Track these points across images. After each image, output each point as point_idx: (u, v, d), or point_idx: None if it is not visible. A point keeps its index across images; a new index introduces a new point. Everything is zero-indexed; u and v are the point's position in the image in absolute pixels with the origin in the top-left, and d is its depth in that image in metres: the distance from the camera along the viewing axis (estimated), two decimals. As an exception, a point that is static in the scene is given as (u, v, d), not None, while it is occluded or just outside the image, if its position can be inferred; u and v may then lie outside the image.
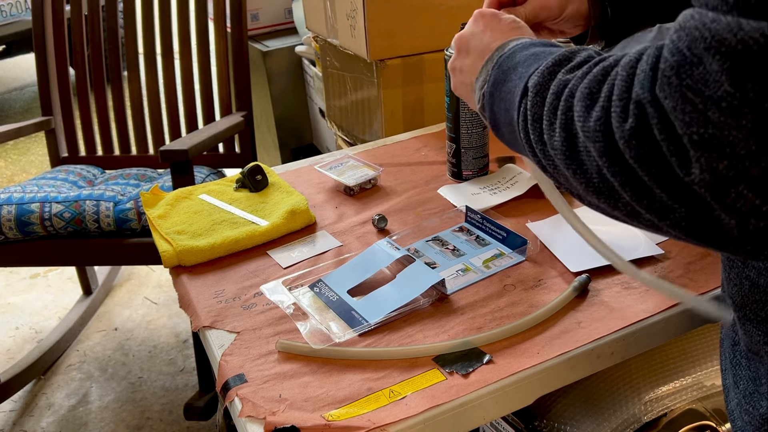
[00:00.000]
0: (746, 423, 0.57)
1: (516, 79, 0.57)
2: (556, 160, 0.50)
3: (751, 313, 0.54)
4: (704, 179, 0.38)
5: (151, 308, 2.19)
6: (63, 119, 1.90)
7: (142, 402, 1.80)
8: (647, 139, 0.41)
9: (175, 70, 1.86)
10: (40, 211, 1.52)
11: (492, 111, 0.61)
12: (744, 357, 0.58)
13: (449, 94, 1.06)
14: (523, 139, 0.55)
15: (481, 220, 0.95)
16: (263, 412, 0.66)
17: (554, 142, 0.50)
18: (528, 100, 0.53)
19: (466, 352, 0.72)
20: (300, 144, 2.34)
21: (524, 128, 0.54)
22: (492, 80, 0.61)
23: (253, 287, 0.88)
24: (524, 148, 0.56)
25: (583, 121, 0.46)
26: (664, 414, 0.84)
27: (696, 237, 0.43)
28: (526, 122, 0.54)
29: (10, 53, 4.26)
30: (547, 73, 0.52)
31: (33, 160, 3.50)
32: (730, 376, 0.61)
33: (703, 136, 0.37)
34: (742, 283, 0.54)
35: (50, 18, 1.86)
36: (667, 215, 0.43)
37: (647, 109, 0.40)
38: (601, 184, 0.46)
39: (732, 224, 0.40)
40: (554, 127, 0.49)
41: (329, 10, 1.47)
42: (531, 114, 0.53)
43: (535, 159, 0.55)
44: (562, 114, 0.49)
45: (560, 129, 0.49)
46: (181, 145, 1.44)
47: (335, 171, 1.14)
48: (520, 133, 0.55)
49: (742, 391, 0.57)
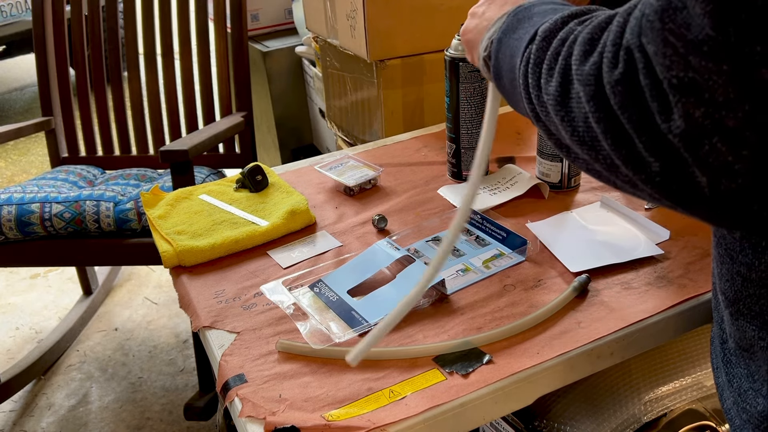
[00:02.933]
0: (744, 421, 0.56)
1: (528, 27, 0.58)
2: (548, 105, 0.51)
3: (744, 308, 0.54)
4: (680, 127, 0.39)
5: (151, 308, 2.19)
6: (63, 119, 1.90)
7: (142, 402, 1.80)
8: (632, 85, 0.41)
9: (175, 70, 1.86)
10: (41, 211, 1.52)
11: (497, 58, 0.61)
12: (734, 354, 0.58)
13: (449, 94, 1.06)
14: (521, 85, 0.56)
15: (481, 220, 0.95)
16: (263, 412, 0.66)
17: (549, 88, 0.50)
18: (534, 45, 0.54)
19: (466, 352, 0.72)
20: (300, 144, 2.34)
21: (524, 73, 0.55)
22: (504, 27, 0.62)
23: (253, 287, 0.88)
24: (521, 95, 0.56)
25: (578, 65, 0.46)
26: (664, 414, 0.84)
27: (669, 195, 0.43)
28: (527, 66, 0.54)
29: (10, 53, 4.26)
30: (560, 21, 0.53)
31: (33, 161, 3.50)
32: (722, 374, 0.61)
33: (682, 80, 0.38)
34: (734, 279, 0.54)
35: (50, 18, 1.86)
36: (642, 169, 0.43)
37: (635, 55, 0.41)
38: (586, 133, 0.47)
39: (704, 182, 0.40)
40: (553, 72, 0.50)
41: (329, 10, 1.47)
42: (534, 58, 0.53)
43: (530, 107, 0.55)
44: (563, 59, 0.49)
45: (558, 74, 0.49)
46: (181, 146, 1.44)
47: (335, 171, 1.14)
48: (520, 78, 0.56)
49: (737, 389, 0.57)
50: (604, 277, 0.83)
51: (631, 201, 1.01)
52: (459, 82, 1.03)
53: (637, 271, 0.84)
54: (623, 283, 0.82)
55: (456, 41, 1.03)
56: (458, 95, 1.04)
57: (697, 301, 0.78)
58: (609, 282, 0.82)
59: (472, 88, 1.04)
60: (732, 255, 0.53)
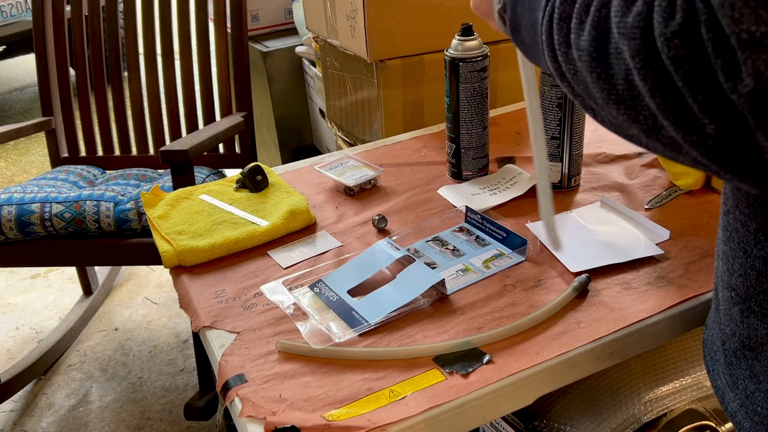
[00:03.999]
0: (756, 424, 0.55)
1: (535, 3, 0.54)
2: (579, 63, 0.47)
3: (756, 305, 0.53)
4: (748, 86, 0.35)
5: (151, 308, 2.19)
6: (63, 119, 1.90)
7: (142, 402, 1.80)
8: (692, 39, 0.37)
9: (175, 70, 1.86)
10: (41, 211, 1.53)
11: (514, 11, 0.58)
12: (734, 356, 0.57)
13: (449, 94, 1.06)
14: (545, 41, 0.52)
15: (481, 221, 0.95)
16: (263, 412, 0.66)
17: (581, 42, 0.46)
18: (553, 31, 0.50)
19: (466, 352, 0.72)
20: (300, 144, 2.34)
21: (548, 29, 0.51)
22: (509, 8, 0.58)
23: (254, 287, 0.88)
24: (543, 53, 0.53)
25: (621, 16, 0.42)
26: (664, 414, 0.84)
27: (721, 160, 0.40)
28: (551, 22, 0.50)
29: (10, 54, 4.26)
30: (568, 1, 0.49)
31: (33, 161, 3.50)
32: (723, 376, 0.60)
33: (753, 34, 0.34)
34: (748, 274, 0.53)
35: (51, 18, 1.86)
36: (694, 131, 0.40)
37: (696, 5, 0.37)
38: (626, 91, 0.43)
39: (766, 147, 0.37)
40: (584, 26, 0.46)
41: (329, 10, 1.47)
42: (559, 12, 0.49)
43: (554, 65, 0.51)
44: (595, 11, 0.45)
45: (591, 27, 0.45)
46: (181, 146, 1.44)
47: (335, 171, 1.14)
48: (543, 35, 0.52)
49: (743, 391, 0.56)
50: (604, 277, 0.83)
51: (631, 201, 1.01)
52: (459, 82, 1.03)
53: (637, 271, 0.84)
54: (623, 283, 0.82)
55: (456, 41, 1.03)
56: (458, 95, 1.04)
57: (697, 301, 0.78)
58: (609, 282, 0.82)
59: (472, 88, 1.04)
60: (746, 249, 0.52)
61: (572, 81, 0.49)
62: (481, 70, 1.03)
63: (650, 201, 1.00)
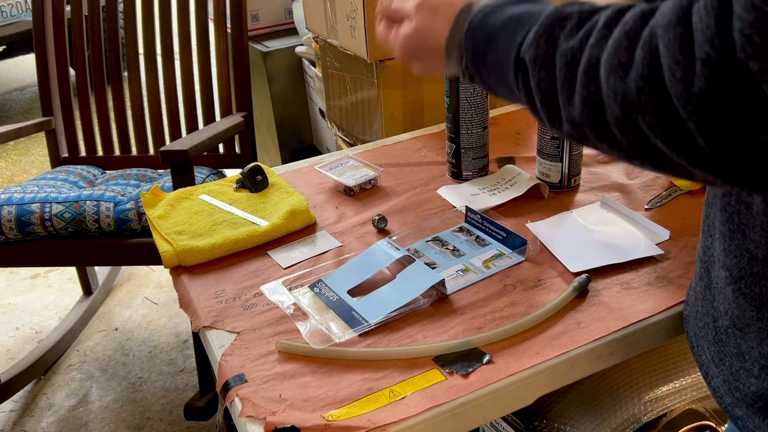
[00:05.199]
0: (737, 400, 0.56)
1: (501, 50, 0.54)
2: (584, 130, 0.48)
3: (746, 288, 0.54)
4: None
5: (151, 308, 2.19)
6: (63, 120, 1.90)
7: (142, 402, 1.80)
8: (721, 101, 0.38)
9: (175, 70, 1.86)
10: (41, 211, 1.53)
11: (484, 82, 0.59)
12: (724, 333, 0.58)
13: (449, 95, 1.06)
14: (531, 111, 0.53)
15: (481, 221, 0.95)
16: (263, 412, 0.66)
17: (576, 116, 0.47)
18: (530, 76, 0.51)
19: (466, 352, 0.72)
20: (300, 144, 2.34)
21: (531, 105, 0.52)
22: (470, 56, 0.59)
23: (254, 287, 0.88)
24: (531, 113, 0.54)
25: (623, 95, 0.43)
26: (664, 414, 0.84)
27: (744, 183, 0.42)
28: (531, 99, 0.52)
29: (10, 54, 4.26)
30: (543, 42, 0.50)
31: (33, 161, 3.50)
32: (709, 352, 0.60)
33: None
34: (742, 255, 0.54)
35: (50, 18, 1.86)
36: (722, 171, 0.41)
37: (724, 70, 0.37)
38: (645, 152, 0.44)
39: None
40: (573, 102, 0.47)
41: (329, 10, 1.47)
42: (539, 92, 0.50)
43: (553, 130, 0.52)
44: (583, 88, 0.46)
45: (582, 104, 0.46)
46: (181, 146, 1.44)
47: (335, 171, 1.14)
48: (526, 105, 0.53)
49: (728, 368, 0.57)
50: (604, 277, 0.83)
51: (631, 201, 1.01)
52: (459, 82, 1.03)
53: (637, 271, 0.84)
54: (623, 283, 0.82)
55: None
56: (458, 95, 1.04)
57: (697, 301, 0.78)
58: (609, 282, 0.82)
59: (472, 88, 1.04)
60: (744, 231, 0.53)
61: (579, 139, 0.50)
62: (481, 70, 1.03)
63: (650, 201, 1.00)
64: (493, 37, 0.55)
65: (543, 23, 0.51)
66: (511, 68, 0.53)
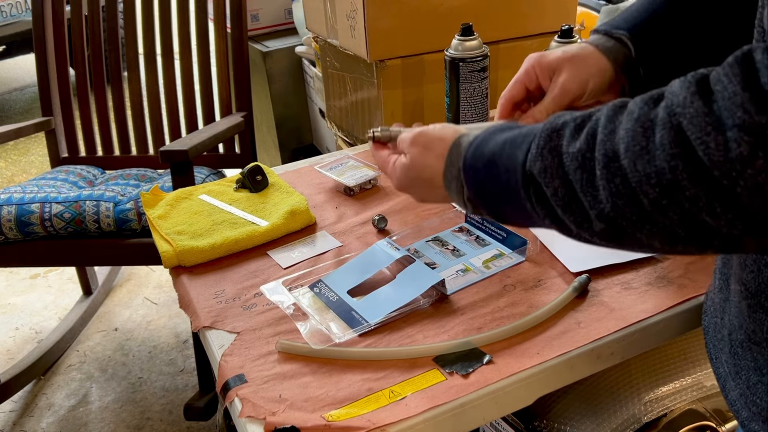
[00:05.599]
0: (754, 414, 0.56)
1: (504, 172, 0.54)
2: (621, 223, 0.47)
3: (766, 301, 0.53)
4: None
5: (151, 308, 2.19)
6: (63, 120, 1.90)
7: (142, 402, 1.80)
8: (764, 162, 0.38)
9: (175, 70, 1.86)
10: (40, 211, 1.52)
11: (491, 209, 0.58)
12: (740, 347, 0.57)
13: (449, 95, 1.06)
14: (553, 224, 0.52)
15: (481, 221, 0.95)
16: (263, 413, 0.66)
17: (608, 211, 0.47)
18: (544, 188, 0.51)
19: (466, 352, 0.72)
20: (300, 144, 2.34)
21: (551, 217, 0.52)
22: (472, 186, 0.59)
23: (253, 287, 0.88)
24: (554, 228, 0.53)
25: (657, 177, 0.42)
26: (664, 414, 0.84)
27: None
28: (551, 211, 0.51)
29: (10, 54, 4.26)
30: (548, 153, 0.50)
31: (33, 161, 3.50)
32: (726, 365, 0.60)
33: None
34: (761, 270, 0.53)
35: (50, 18, 1.86)
36: None
37: (764, 130, 0.38)
38: (692, 231, 0.43)
39: None
40: (600, 198, 0.47)
41: (329, 10, 1.47)
42: (557, 199, 0.50)
43: (583, 235, 0.51)
44: (608, 183, 0.46)
45: (613, 198, 0.46)
46: (181, 146, 1.44)
47: (335, 171, 1.14)
48: (546, 220, 0.53)
49: (745, 381, 0.57)
50: (604, 277, 0.83)
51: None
52: (459, 82, 1.03)
53: (637, 271, 0.84)
54: (623, 283, 0.82)
55: (456, 41, 1.03)
56: (458, 95, 1.04)
57: (698, 301, 0.78)
58: (609, 282, 0.82)
59: (472, 88, 1.04)
60: None
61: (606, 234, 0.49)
62: (481, 70, 1.03)
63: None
64: (493, 163, 0.56)
65: (541, 136, 0.51)
66: (520, 186, 0.53)
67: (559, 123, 0.51)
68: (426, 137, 0.65)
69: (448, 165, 0.61)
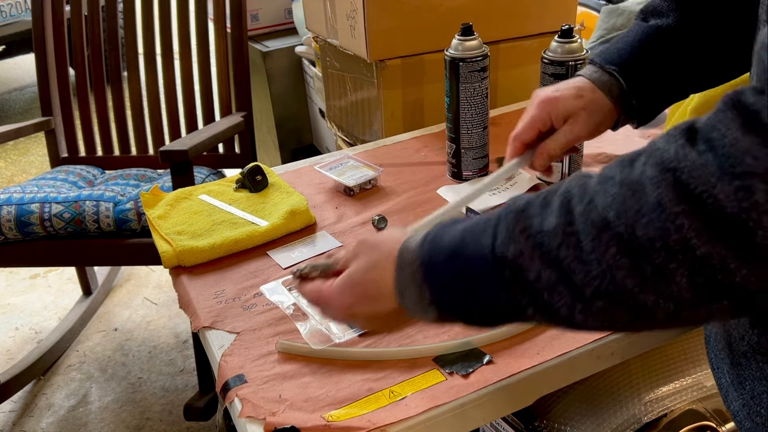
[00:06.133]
0: (758, 425, 0.55)
1: (469, 263, 0.49)
2: (622, 297, 0.42)
3: None
4: None
5: (151, 309, 2.19)
6: (63, 120, 1.90)
7: (142, 402, 1.80)
8: None
9: (175, 70, 1.86)
10: (40, 211, 1.52)
11: (457, 307, 0.51)
12: (744, 357, 0.57)
13: (449, 94, 1.06)
14: (537, 311, 0.47)
15: (481, 221, 0.95)
16: (263, 413, 0.66)
17: (606, 285, 0.42)
18: (524, 272, 0.46)
19: (466, 352, 0.72)
20: (300, 144, 2.34)
21: (536, 303, 0.46)
22: (434, 284, 0.51)
23: (253, 287, 0.88)
24: (538, 318, 0.48)
25: (663, 238, 0.39)
26: (664, 414, 0.84)
27: None
28: (536, 296, 0.46)
29: (10, 54, 4.26)
30: (519, 234, 0.46)
31: (33, 161, 3.50)
32: (728, 375, 0.60)
33: None
34: None
35: (50, 18, 1.86)
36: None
37: None
38: (711, 291, 0.40)
39: None
40: (593, 274, 0.43)
41: (329, 10, 1.47)
42: (542, 284, 0.45)
43: (578, 316, 0.45)
44: (602, 254, 0.42)
45: (611, 270, 0.42)
46: (181, 146, 1.44)
47: (335, 171, 1.14)
48: (529, 308, 0.47)
49: (749, 392, 0.56)
50: (605, 277, 0.83)
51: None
52: (459, 82, 1.03)
53: (637, 272, 0.84)
54: (623, 284, 0.82)
55: (456, 41, 1.03)
56: (458, 95, 1.04)
57: (698, 301, 0.78)
58: (609, 282, 0.82)
59: (472, 88, 1.03)
60: None
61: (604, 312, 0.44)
62: (481, 70, 1.03)
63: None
64: (455, 255, 0.50)
65: (507, 219, 0.47)
66: (492, 274, 0.47)
67: (521, 204, 0.48)
68: (368, 244, 0.57)
69: (399, 270, 0.54)
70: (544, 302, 0.46)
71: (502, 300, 0.48)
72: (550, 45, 1.00)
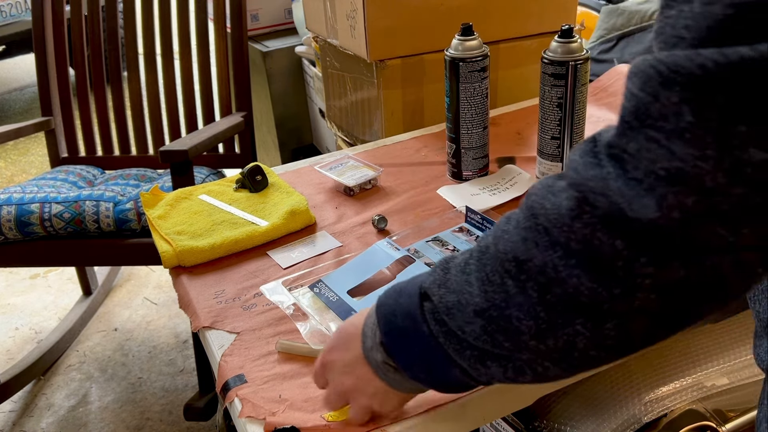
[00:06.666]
0: None
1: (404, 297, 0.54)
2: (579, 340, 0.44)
3: None
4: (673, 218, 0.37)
5: (150, 309, 2.19)
6: (63, 120, 1.90)
7: (141, 402, 1.80)
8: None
9: (175, 70, 1.86)
10: (40, 211, 1.52)
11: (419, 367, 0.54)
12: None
13: (449, 94, 1.06)
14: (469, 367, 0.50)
15: (481, 221, 0.95)
16: (263, 413, 0.66)
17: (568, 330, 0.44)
18: (457, 319, 0.49)
19: (466, 352, 0.72)
20: (300, 144, 2.34)
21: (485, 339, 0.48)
22: (383, 325, 0.55)
23: (253, 287, 0.88)
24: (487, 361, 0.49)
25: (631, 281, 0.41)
26: (664, 414, 0.84)
27: None
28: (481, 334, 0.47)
29: (10, 54, 4.26)
30: (441, 272, 0.51)
31: (33, 161, 3.50)
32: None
33: (669, 170, 0.36)
34: None
35: (50, 18, 1.86)
36: None
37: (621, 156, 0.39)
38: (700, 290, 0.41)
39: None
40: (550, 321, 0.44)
41: (329, 10, 1.47)
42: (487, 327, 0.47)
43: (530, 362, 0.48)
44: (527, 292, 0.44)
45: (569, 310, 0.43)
46: (181, 146, 1.44)
47: (335, 171, 1.14)
48: (457, 356, 0.50)
49: None
50: (605, 277, 0.83)
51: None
52: (459, 82, 1.03)
53: (637, 272, 0.84)
54: (623, 284, 0.82)
55: (456, 41, 1.03)
56: (458, 95, 1.04)
57: (698, 301, 0.78)
58: (609, 282, 0.82)
59: (472, 88, 1.04)
60: None
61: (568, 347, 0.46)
62: (481, 70, 1.03)
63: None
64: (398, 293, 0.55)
65: (433, 274, 0.52)
66: (420, 324, 0.51)
67: (444, 261, 0.53)
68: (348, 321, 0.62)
69: (367, 316, 0.58)
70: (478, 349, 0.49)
71: (425, 334, 0.52)
72: (550, 45, 1.00)
